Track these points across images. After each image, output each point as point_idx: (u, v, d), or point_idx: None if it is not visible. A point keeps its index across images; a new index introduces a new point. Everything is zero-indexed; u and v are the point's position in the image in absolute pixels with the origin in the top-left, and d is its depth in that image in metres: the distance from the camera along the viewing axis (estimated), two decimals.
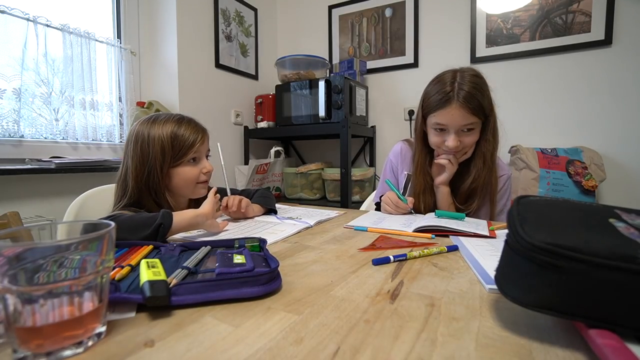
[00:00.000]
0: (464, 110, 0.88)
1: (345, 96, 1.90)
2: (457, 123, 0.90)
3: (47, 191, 1.41)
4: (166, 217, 0.66)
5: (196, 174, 0.85)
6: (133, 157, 0.81)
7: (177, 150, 0.81)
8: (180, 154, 0.82)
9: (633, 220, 0.32)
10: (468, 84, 0.89)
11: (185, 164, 0.83)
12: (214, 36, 2.06)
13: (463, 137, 0.92)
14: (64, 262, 0.28)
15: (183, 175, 0.83)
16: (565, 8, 1.76)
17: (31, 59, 1.42)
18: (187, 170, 0.83)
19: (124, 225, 0.64)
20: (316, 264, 0.53)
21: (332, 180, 2.04)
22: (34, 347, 0.27)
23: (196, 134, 0.84)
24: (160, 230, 0.64)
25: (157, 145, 0.79)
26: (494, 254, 0.56)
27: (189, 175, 0.84)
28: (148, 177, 0.80)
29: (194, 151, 0.83)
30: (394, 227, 0.77)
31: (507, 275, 0.33)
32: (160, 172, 0.80)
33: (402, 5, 2.16)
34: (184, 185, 0.84)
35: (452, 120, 0.90)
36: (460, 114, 0.89)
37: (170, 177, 0.83)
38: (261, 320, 0.34)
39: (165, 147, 0.80)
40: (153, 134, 0.80)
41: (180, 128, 0.82)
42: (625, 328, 0.27)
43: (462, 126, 0.91)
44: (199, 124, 0.88)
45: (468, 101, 0.87)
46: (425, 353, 0.28)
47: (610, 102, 1.69)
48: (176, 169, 0.82)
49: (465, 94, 0.88)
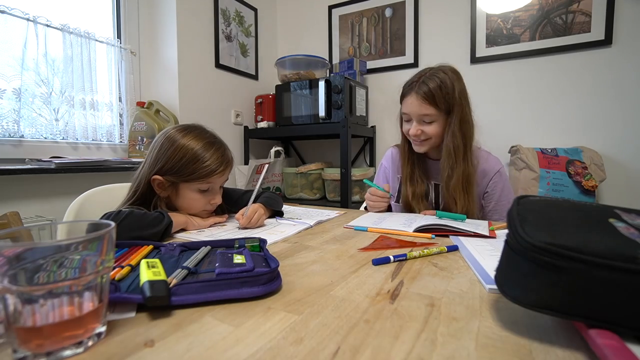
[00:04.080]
0: (420, 101, 0.95)
1: (345, 96, 1.90)
2: (414, 112, 0.98)
3: (47, 191, 1.41)
4: (168, 218, 0.72)
5: (203, 204, 0.83)
6: (152, 156, 0.80)
7: (191, 172, 0.78)
8: (195, 177, 0.78)
9: (633, 220, 0.32)
10: (433, 77, 0.95)
11: (196, 190, 0.81)
12: (214, 36, 2.06)
13: (424, 127, 0.99)
14: (64, 262, 0.28)
15: (190, 200, 0.81)
16: (565, 8, 1.75)
17: (31, 59, 1.42)
18: (196, 197, 0.81)
19: (137, 219, 0.68)
20: (316, 264, 0.53)
21: (332, 180, 2.04)
22: (34, 347, 0.27)
23: (219, 164, 0.81)
24: (168, 230, 0.70)
25: (178, 154, 0.78)
26: (494, 254, 0.56)
27: (196, 203, 0.82)
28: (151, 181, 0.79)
29: (208, 181, 0.80)
30: (394, 227, 0.77)
31: (507, 275, 0.33)
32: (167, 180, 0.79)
33: (402, 5, 2.16)
34: (187, 208, 0.82)
35: (410, 109, 0.98)
36: (417, 104, 0.96)
37: (177, 194, 0.81)
38: (261, 320, 0.34)
39: (183, 161, 0.77)
40: (180, 144, 0.78)
41: (206, 151, 0.79)
42: (625, 328, 0.27)
43: (420, 116, 0.98)
44: (228, 153, 0.85)
45: (425, 92, 0.94)
46: (425, 353, 0.28)
47: (611, 102, 1.69)
48: (186, 191, 0.80)
49: (425, 87, 0.94)
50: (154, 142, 0.83)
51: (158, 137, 0.83)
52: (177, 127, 0.83)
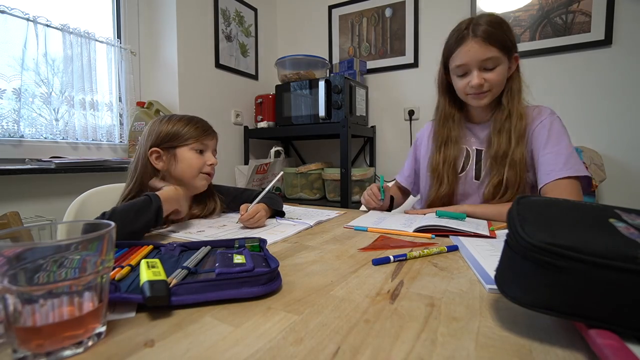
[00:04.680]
0: (481, 43, 0.85)
1: (345, 96, 1.90)
2: (476, 58, 0.87)
3: (47, 191, 1.41)
4: (155, 198, 0.72)
5: (201, 163, 0.88)
6: (144, 139, 0.87)
7: (183, 135, 0.85)
8: (187, 137, 0.86)
9: (633, 220, 0.32)
10: (484, 20, 0.87)
11: (191, 151, 0.87)
12: (214, 36, 2.06)
13: (486, 74, 0.89)
14: (64, 262, 0.28)
15: (188, 161, 0.86)
16: (565, 8, 1.75)
17: (31, 59, 1.42)
18: (193, 157, 0.87)
19: (124, 213, 0.67)
20: (316, 264, 0.53)
21: (332, 180, 2.04)
22: (34, 347, 0.27)
23: (206, 129, 0.89)
24: (160, 213, 0.71)
25: (168, 127, 0.85)
26: (494, 254, 0.56)
27: (194, 163, 0.87)
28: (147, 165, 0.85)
29: (200, 142, 0.87)
30: (394, 227, 0.77)
31: (507, 275, 0.33)
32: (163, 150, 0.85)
33: (402, 5, 2.16)
34: (187, 171, 0.87)
35: (470, 56, 0.87)
36: (477, 48, 0.86)
37: (175, 160, 0.86)
38: (261, 320, 0.34)
39: (173, 130, 0.85)
40: (165, 121, 0.87)
41: (191, 121, 0.88)
42: (625, 328, 0.27)
43: (481, 62, 0.87)
44: (209, 125, 0.92)
45: (484, 33, 0.85)
46: (425, 353, 0.28)
47: (611, 102, 1.69)
48: (183, 153, 0.86)
49: (481, 27, 0.86)
50: (142, 137, 0.89)
51: (144, 132, 0.89)
52: (154, 120, 0.90)
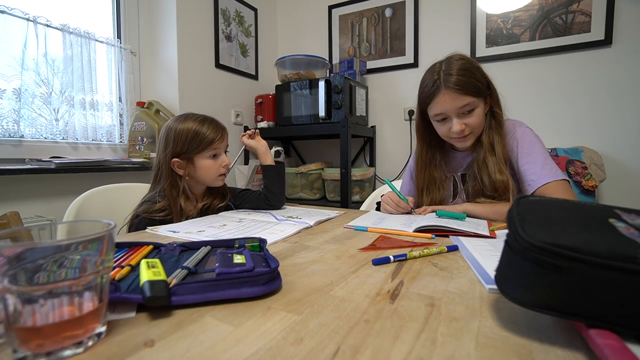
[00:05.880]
0: (454, 94, 0.88)
1: (345, 96, 1.90)
2: (452, 107, 0.90)
3: (47, 191, 1.41)
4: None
5: (216, 167, 1.00)
6: (162, 146, 0.97)
7: (198, 144, 0.96)
8: (201, 148, 0.96)
9: (633, 220, 0.32)
10: (455, 69, 0.89)
11: (206, 158, 0.98)
12: (214, 36, 2.06)
13: (465, 119, 0.92)
14: (64, 262, 0.28)
15: (206, 169, 0.99)
16: (565, 8, 1.76)
17: (31, 59, 1.42)
18: (209, 164, 0.99)
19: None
20: (316, 264, 0.53)
21: (332, 180, 2.04)
22: (34, 347, 0.27)
23: (216, 132, 0.98)
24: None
25: (182, 136, 0.95)
26: (494, 254, 0.56)
27: (210, 168, 0.99)
28: (171, 165, 0.95)
29: (213, 147, 0.98)
30: (394, 227, 0.77)
31: (507, 275, 0.33)
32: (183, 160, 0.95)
33: (402, 5, 2.16)
34: (205, 176, 0.99)
35: (446, 107, 0.90)
36: (451, 98, 0.89)
37: (194, 167, 0.98)
38: (261, 320, 0.34)
39: (188, 140, 0.95)
40: (180, 128, 0.96)
41: (202, 126, 0.97)
42: (625, 328, 0.27)
43: (459, 109, 0.90)
44: (220, 123, 1.02)
45: (456, 84, 0.87)
46: (425, 353, 0.28)
47: (610, 102, 1.69)
48: (199, 162, 0.97)
49: (452, 78, 0.88)
50: (160, 136, 1.00)
51: (162, 131, 0.99)
52: (173, 118, 1.01)
